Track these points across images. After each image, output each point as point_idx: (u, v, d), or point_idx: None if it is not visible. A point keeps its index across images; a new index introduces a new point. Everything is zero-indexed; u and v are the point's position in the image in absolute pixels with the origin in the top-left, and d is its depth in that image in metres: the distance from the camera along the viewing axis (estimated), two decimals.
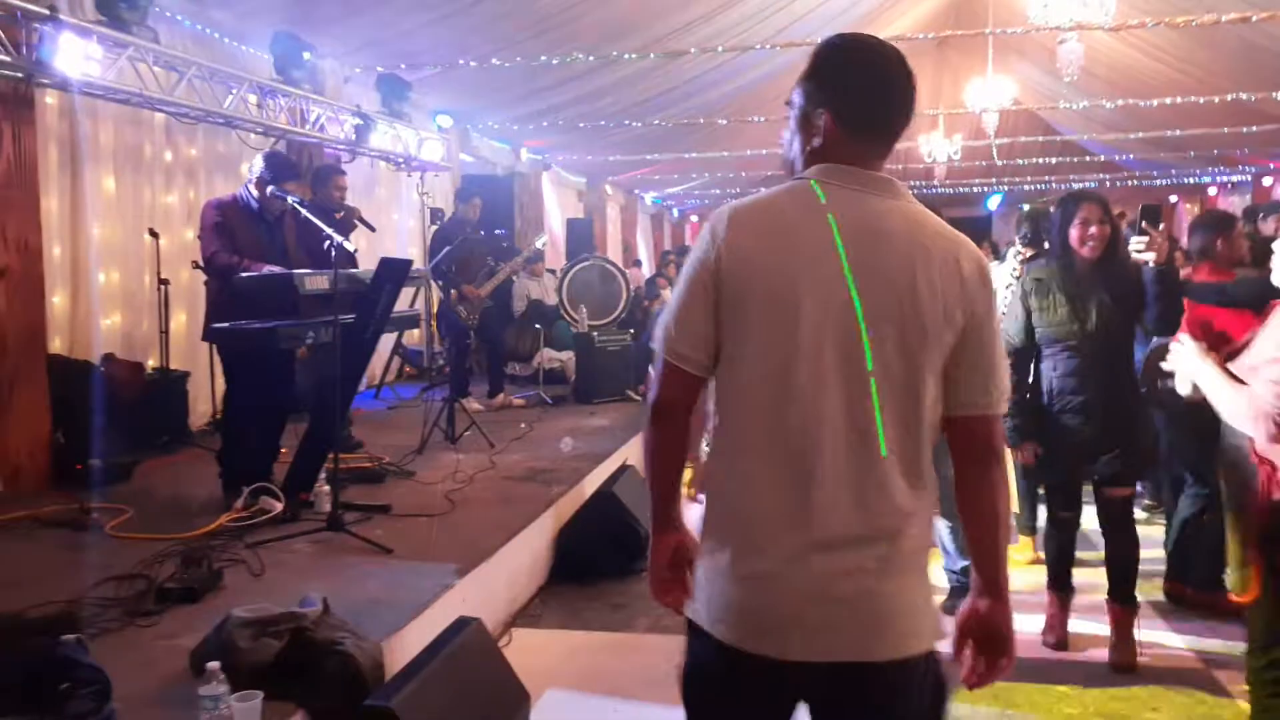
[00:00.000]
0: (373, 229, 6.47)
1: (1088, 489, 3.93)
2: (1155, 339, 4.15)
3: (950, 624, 1.67)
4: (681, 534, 1.77)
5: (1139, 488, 5.11)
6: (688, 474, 2.23)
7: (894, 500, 1.57)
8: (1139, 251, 3.53)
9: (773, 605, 1.57)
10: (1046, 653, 3.95)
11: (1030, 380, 3.89)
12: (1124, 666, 3.76)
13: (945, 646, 1.67)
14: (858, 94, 1.63)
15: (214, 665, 2.53)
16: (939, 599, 1.71)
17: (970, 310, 1.59)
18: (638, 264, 16.82)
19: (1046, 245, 5.51)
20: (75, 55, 5.06)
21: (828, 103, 1.63)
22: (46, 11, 4.94)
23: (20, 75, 5.05)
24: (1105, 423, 3.71)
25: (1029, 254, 5.09)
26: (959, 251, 1.62)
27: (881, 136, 1.65)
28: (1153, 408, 4.04)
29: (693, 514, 1.72)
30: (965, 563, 3.83)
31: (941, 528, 4.28)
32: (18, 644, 2.48)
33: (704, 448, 3.50)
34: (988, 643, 1.65)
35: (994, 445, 1.64)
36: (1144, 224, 3.52)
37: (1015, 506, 5.66)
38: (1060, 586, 4.04)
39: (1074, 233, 3.69)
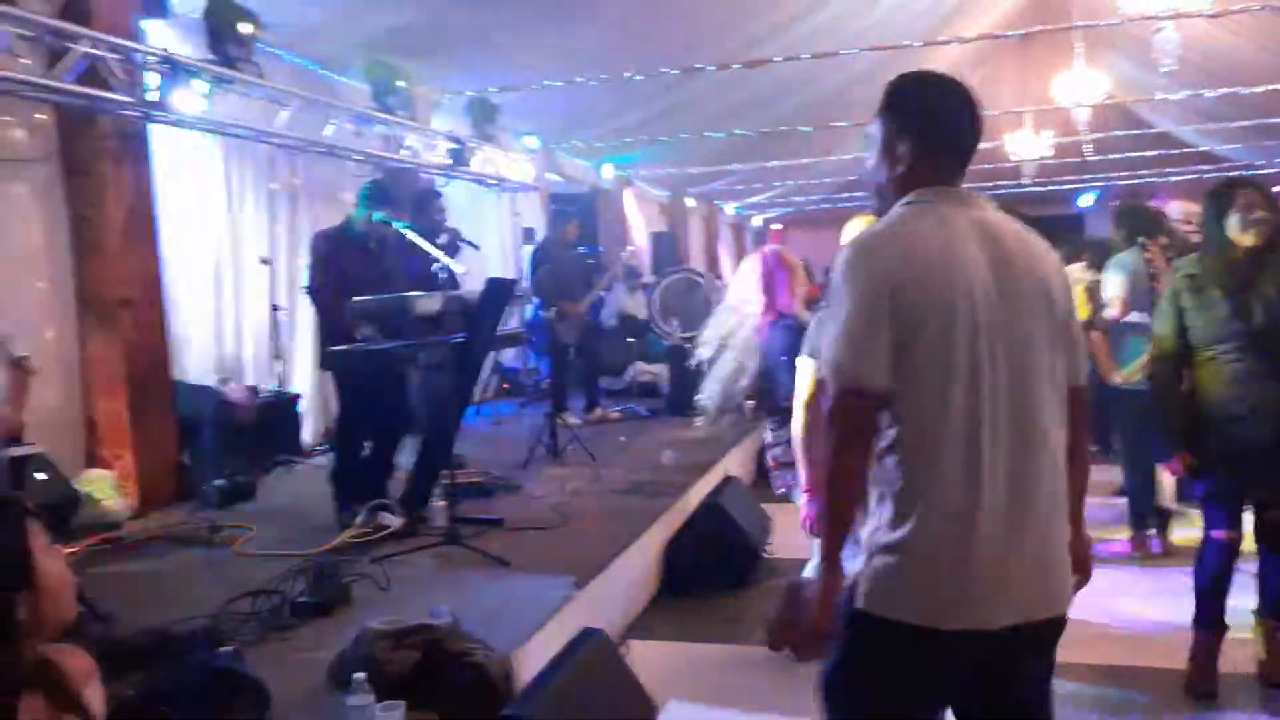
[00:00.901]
0: (476, 248, 6.58)
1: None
2: None
3: None
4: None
5: None
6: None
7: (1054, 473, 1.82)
8: None
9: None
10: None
11: (1184, 387, 3.54)
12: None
13: None
14: (937, 121, 1.86)
15: (360, 676, 2.60)
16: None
17: (1068, 293, 1.89)
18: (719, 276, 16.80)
19: (1142, 241, 5.34)
20: (189, 94, 5.29)
21: (909, 130, 1.85)
22: (162, 51, 5.18)
23: (139, 114, 5.29)
24: (1277, 433, 3.32)
25: (1163, 243, 4.85)
26: (1044, 245, 1.91)
27: (961, 157, 1.88)
28: None
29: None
30: None
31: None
32: (176, 656, 2.59)
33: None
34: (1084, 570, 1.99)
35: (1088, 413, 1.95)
36: None
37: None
38: (1211, 623, 3.53)
39: (1234, 220, 3.35)
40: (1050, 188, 18.90)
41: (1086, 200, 20.45)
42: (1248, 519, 3.52)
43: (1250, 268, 3.35)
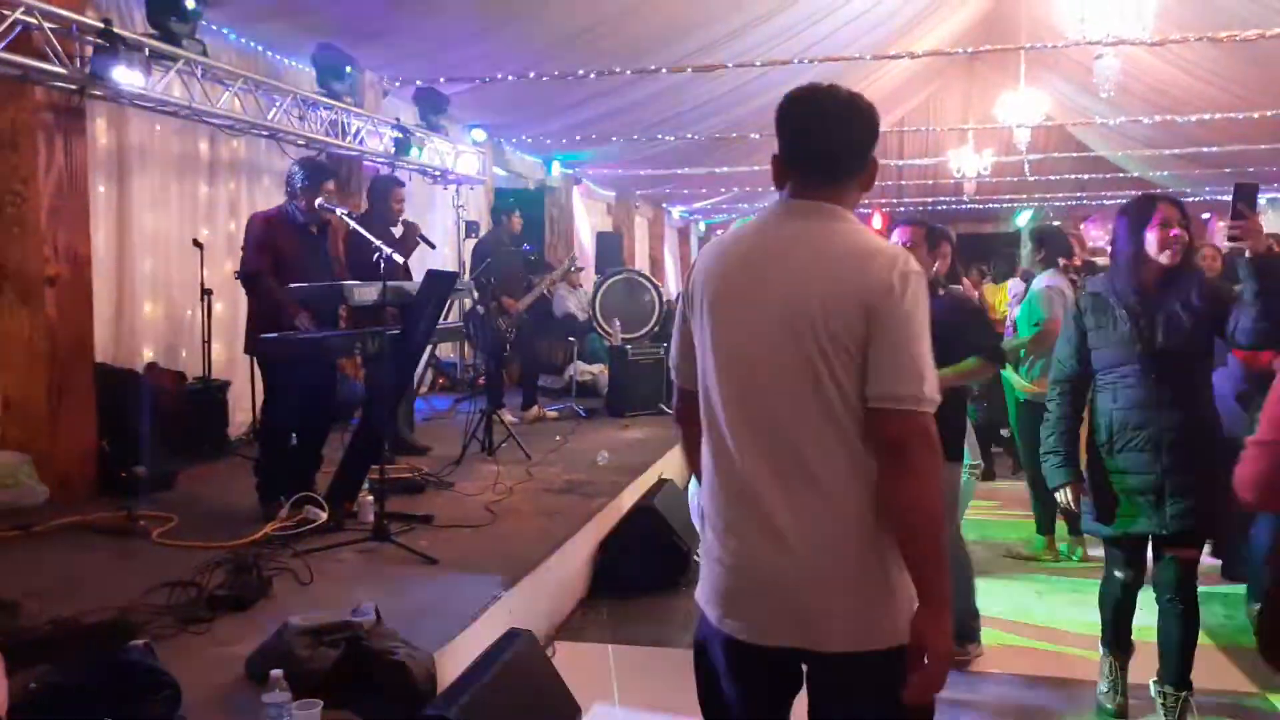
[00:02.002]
0: (432, 246, 6.48)
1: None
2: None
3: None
4: None
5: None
6: None
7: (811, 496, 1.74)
8: (1232, 239, 2.89)
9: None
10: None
11: (1084, 414, 3.42)
12: None
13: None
14: (788, 138, 1.88)
15: (277, 673, 2.54)
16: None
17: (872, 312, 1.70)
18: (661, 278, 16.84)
19: (1063, 262, 5.48)
20: (127, 68, 5.14)
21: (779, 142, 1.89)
22: (101, 25, 5.02)
23: (74, 88, 5.13)
24: (1175, 463, 3.14)
25: (1078, 263, 4.93)
26: (866, 262, 1.73)
27: (810, 169, 1.84)
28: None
29: None
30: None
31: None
32: (85, 649, 2.50)
33: None
34: (914, 652, 1.70)
35: (900, 442, 1.68)
36: (1238, 204, 2.85)
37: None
38: (1117, 646, 3.54)
39: (1152, 236, 3.15)
40: (990, 205, 19.30)
41: (1024, 219, 20.88)
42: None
43: (1159, 288, 3.19)
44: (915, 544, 1.69)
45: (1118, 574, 3.44)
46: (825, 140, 1.82)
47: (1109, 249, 3.80)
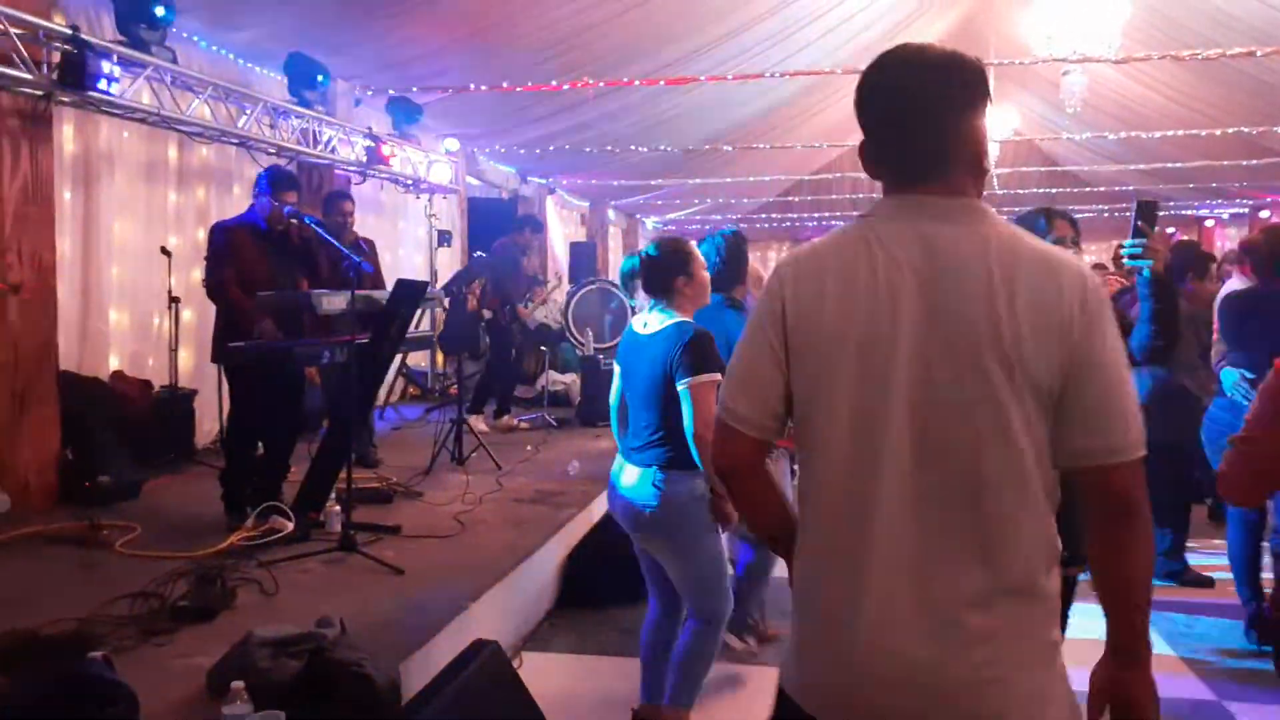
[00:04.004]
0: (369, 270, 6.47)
1: None
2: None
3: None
4: None
5: None
6: None
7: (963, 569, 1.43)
8: (1134, 256, 2.86)
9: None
10: None
11: None
12: None
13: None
14: (876, 123, 1.54)
15: (238, 684, 2.53)
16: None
17: (1070, 340, 1.40)
18: None
19: None
20: (95, 74, 5.09)
21: (864, 134, 1.56)
22: (69, 30, 4.98)
23: (40, 93, 5.08)
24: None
25: None
26: (1056, 274, 1.42)
27: (914, 159, 1.50)
28: None
29: None
30: None
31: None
32: (42, 661, 2.47)
33: None
34: (1117, 711, 1.51)
35: (1129, 498, 1.44)
36: (1139, 222, 2.83)
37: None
38: None
39: None
40: None
41: None
42: None
43: None
44: (1132, 599, 1.49)
45: None
46: (929, 122, 1.48)
47: None
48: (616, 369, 3.44)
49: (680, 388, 3.04)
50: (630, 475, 3.29)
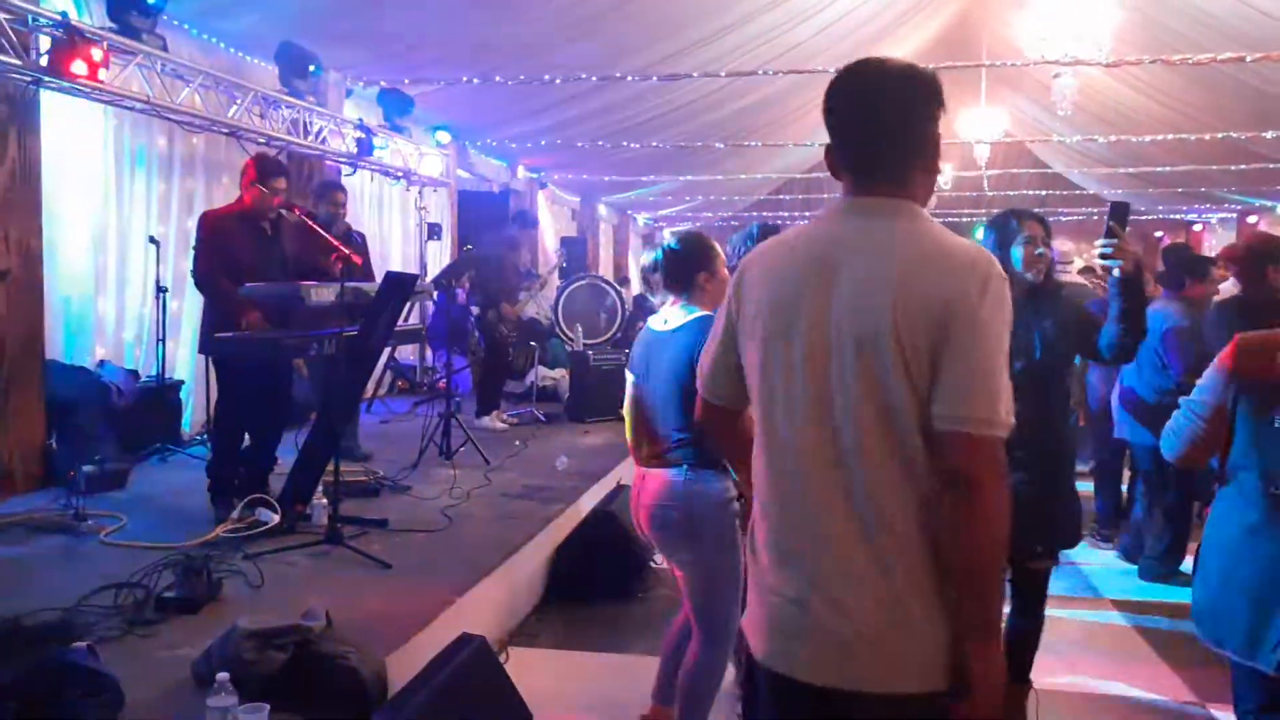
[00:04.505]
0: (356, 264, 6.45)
1: None
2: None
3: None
4: None
5: None
6: None
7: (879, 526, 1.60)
8: (1105, 256, 2.88)
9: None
10: None
11: None
12: None
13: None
14: (836, 129, 1.69)
15: (223, 676, 2.51)
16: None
17: (955, 322, 1.52)
18: (625, 281, 16.85)
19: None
20: (84, 61, 5.06)
21: (830, 139, 1.71)
22: (58, 16, 4.94)
23: (28, 79, 5.04)
24: (1044, 493, 3.02)
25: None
26: (951, 259, 1.57)
27: (866, 163, 1.66)
28: None
29: None
30: None
31: None
32: (25, 650, 2.45)
33: None
34: (966, 687, 1.58)
35: (969, 471, 1.53)
36: (1112, 224, 2.86)
37: None
38: (1013, 676, 3.57)
39: (1020, 253, 3.13)
40: (949, 219, 19.54)
41: (982, 234, 21.15)
42: None
43: (1030, 304, 3.09)
44: (974, 579, 1.57)
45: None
46: (874, 130, 1.63)
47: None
48: (630, 377, 3.27)
49: None
50: (654, 480, 3.09)
